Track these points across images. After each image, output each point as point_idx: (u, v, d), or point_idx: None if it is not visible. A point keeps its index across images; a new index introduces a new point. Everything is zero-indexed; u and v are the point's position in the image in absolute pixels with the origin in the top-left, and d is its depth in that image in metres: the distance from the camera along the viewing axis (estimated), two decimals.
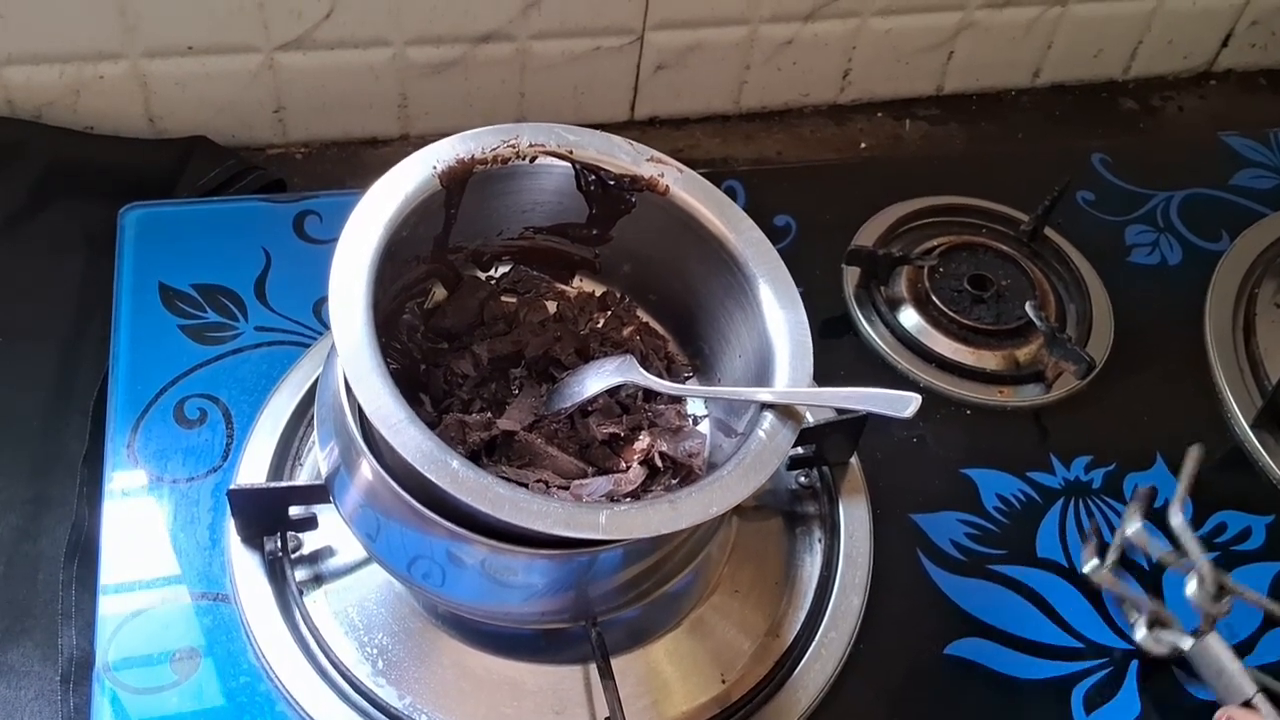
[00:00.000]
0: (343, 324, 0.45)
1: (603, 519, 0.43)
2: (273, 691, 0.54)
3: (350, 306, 0.45)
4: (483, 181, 0.52)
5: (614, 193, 0.53)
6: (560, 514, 0.43)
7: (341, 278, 0.46)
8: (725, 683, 0.56)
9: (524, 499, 0.43)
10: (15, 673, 0.55)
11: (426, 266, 0.54)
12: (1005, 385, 0.70)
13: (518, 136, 0.51)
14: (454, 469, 0.43)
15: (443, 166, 0.50)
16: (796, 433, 0.47)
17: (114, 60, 0.72)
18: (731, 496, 0.45)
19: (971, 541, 0.63)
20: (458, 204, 0.52)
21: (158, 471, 0.60)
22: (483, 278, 0.58)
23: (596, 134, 0.53)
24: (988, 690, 0.58)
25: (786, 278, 0.51)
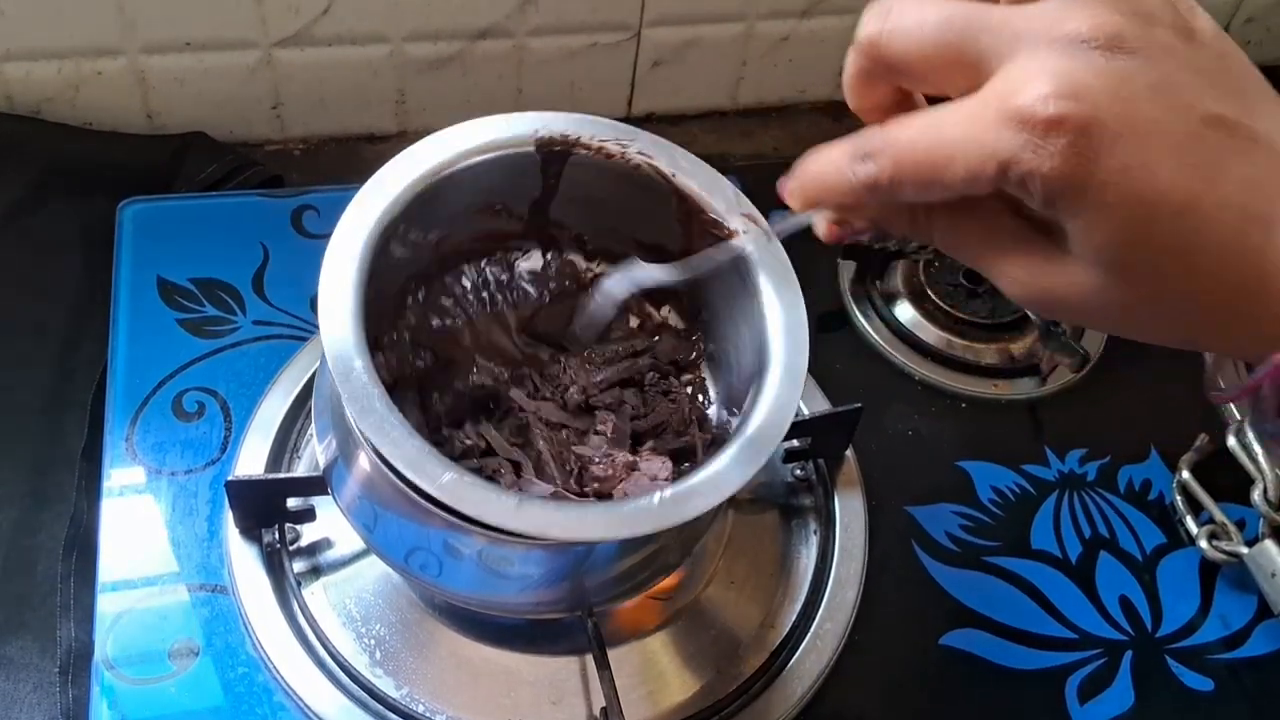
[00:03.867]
0: (331, 314, 0.44)
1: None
2: (271, 682, 0.54)
3: (340, 294, 0.45)
4: (585, 167, 0.51)
5: (694, 232, 0.52)
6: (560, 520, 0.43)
7: (340, 243, 0.46)
8: (721, 673, 0.57)
9: (528, 505, 0.43)
10: (14, 665, 0.55)
11: (523, 224, 0.54)
12: (1000, 378, 0.71)
13: (634, 139, 0.50)
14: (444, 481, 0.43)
15: (546, 134, 0.49)
16: (790, 417, 0.47)
17: (112, 56, 0.72)
18: (726, 486, 0.44)
19: (966, 533, 0.64)
20: (558, 176, 0.51)
21: (156, 464, 0.60)
22: (582, 266, 0.57)
23: (706, 166, 0.51)
24: (982, 681, 0.59)
25: (790, 274, 0.50)
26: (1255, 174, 0.30)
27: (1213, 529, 0.64)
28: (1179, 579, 0.63)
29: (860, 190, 0.33)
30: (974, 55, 0.32)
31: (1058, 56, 0.30)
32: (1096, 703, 0.58)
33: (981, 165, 0.30)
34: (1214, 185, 0.30)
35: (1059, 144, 0.29)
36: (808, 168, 0.35)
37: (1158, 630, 0.61)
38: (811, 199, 0.36)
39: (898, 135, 0.32)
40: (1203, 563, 0.64)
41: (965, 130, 0.31)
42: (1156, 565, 0.64)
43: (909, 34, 0.32)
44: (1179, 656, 0.60)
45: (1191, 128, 0.30)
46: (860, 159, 0.33)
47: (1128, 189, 0.30)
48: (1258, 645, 0.61)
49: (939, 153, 0.31)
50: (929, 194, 0.33)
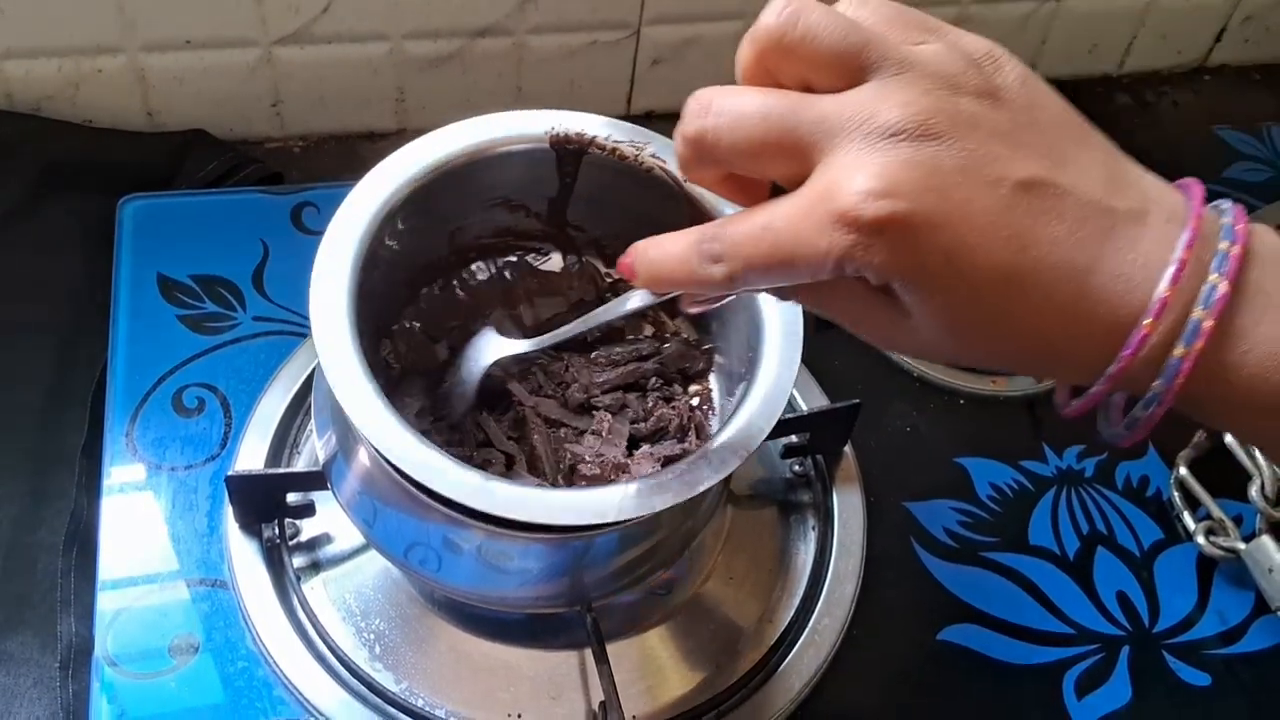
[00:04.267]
0: (322, 306, 0.45)
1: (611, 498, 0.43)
2: (270, 677, 0.54)
3: (333, 283, 0.45)
4: (600, 168, 0.51)
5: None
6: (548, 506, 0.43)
7: (324, 278, 0.46)
8: (719, 668, 0.57)
9: (521, 492, 0.43)
10: (14, 660, 0.55)
11: (541, 223, 0.55)
12: (998, 375, 0.71)
13: (649, 141, 0.50)
14: (443, 470, 0.43)
15: (560, 131, 0.50)
16: (781, 408, 0.47)
17: (112, 54, 0.72)
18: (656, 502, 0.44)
19: (964, 529, 0.64)
20: (574, 175, 0.52)
21: (156, 460, 0.61)
22: (602, 270, 0.57)
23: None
24: (980, 676, 0.59)
25: (796, 310, 0.50)
26: (1065, 229, 0.32)
27: (1210, 525, 0.64)
28: (1176, 575, 0.63)
29: (716, 286, 0.36)
30: (794, 146, 0.33)
31: (871, 152, 0.32)
32: (1094, 697, 0.59)
33: (820, 262, 0.33)
34: (1027, 252, 0.32)
35: (884, 241, 0.32)
36: (656, 263, 0.37)
37: (1155, 626, 0.61)
38: (664, 288, 0.39)
39: (739, 235, 0.35)
40: (1200, 558, 0.64)
41: (800, 231, 0.33)
42: (1154, 561, 0.64)
43: (731, 130, 0.34)
44: (1176, 652, 0.61)
45: (1003, 201, 0.32)
46: (710, 260, 0.35)
47: (951, 272, 0.32)
48: (1255, 640, 0.61)
49: (780, 253, 0.34)
50: (780, 284, 0.36)
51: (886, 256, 0.32)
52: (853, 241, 0.32)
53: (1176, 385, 0.32)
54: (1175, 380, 0.32)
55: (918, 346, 0.36)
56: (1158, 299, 0.32)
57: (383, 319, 0.54)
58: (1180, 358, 0.32)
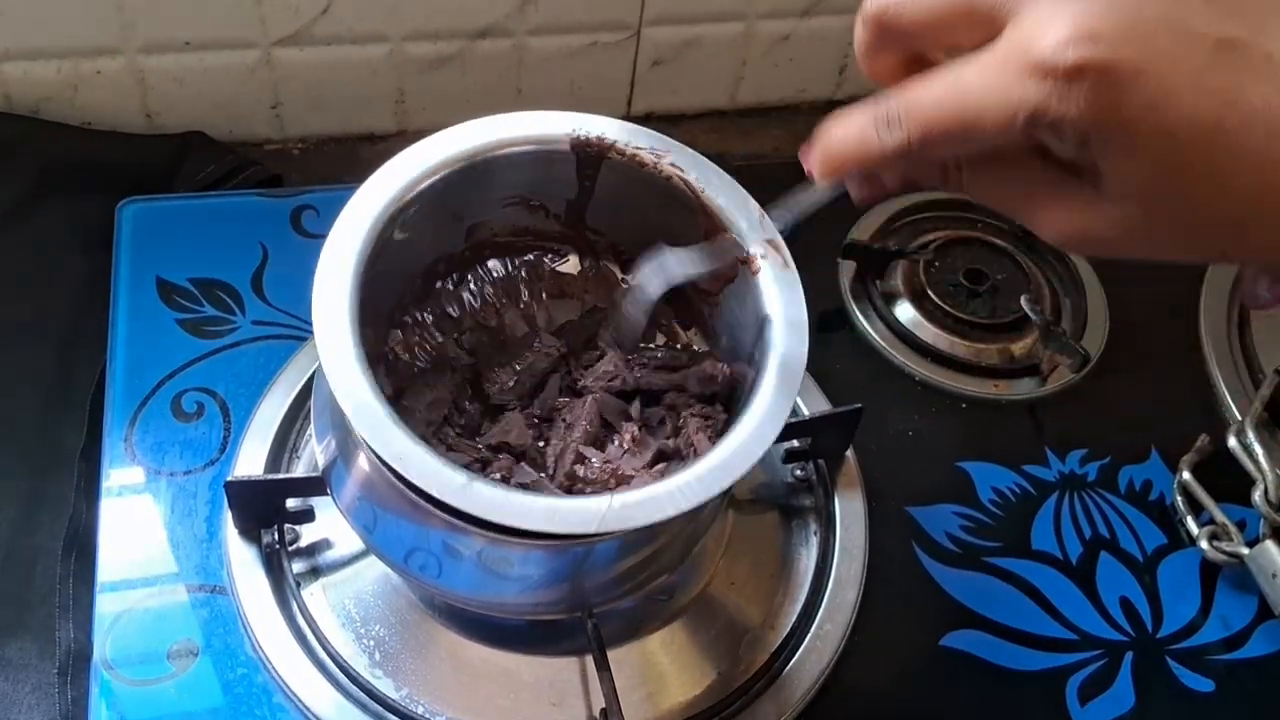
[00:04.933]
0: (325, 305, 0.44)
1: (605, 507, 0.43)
2: (270, 683, 0.54)
3: (337, 279, 0.45)
4: (620, 173, 0.51)
5: (720, 246, 0.51)
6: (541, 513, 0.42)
7: (328, 274, 0.45)
8: (720, 674, 0.56)
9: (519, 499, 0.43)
10: (13, 666, 0.55)
11: (559, 224, 0.55)
12: (1000, 379, 0.71)
13: (668, 151, 0.50)
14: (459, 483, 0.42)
15: (581, 134, 0.49)
16: (786, 413, 0.46)
17: (111, 56, 0.72)
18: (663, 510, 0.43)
19: (966, 534, 0.64)
20: (593, 179, 0.51)
21: (155, 465, 0.60)
22: (619, 275, 0.57)
23: (735, 186, 0.51)
24: (983, 682, 0.59)
25: (801, 310, 0.50)
26: (1272, 90, 0.31)
27: (1213, 530, 0.64)
28: (1179, 580, 0.63)
29: (891, 156, 0.34)
30: (985, 10, 0.32)
31: (1066, 3, 0.31)
32: (1097, 703, 0.58)
33: (1010, 118, 0.31)
34: (1236, 107, 0.31)
35: (1083, 89, 0.30)
36: (833, 136, 0.35)
37: (1158, 631, 0.61)
38: (839, 167, 0.36)
39: (922, 98, 0.33)
40: (1203, 563, 0.64)
41: (989, 86, 0.31)
42: (1157, 566, 0.64)
43: (917, 2, 0.33)
44: (1179, 657, 0.60)
45: (1206, 55, 0.31)
46: (887, 125, 0.33)
47: (1155, 124, 0.31)
48: (1258, 646, 0.61)
49: (967, 111, 0.32)
50: (960, 151, 0.34)
51: (1086, 106, 0.30)
52: (1049, 91, 0.30)
53: None
54: None
55: (1106, 230, 0.34)
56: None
57: (393, 310, 0.54)
58: None
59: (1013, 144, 0.32)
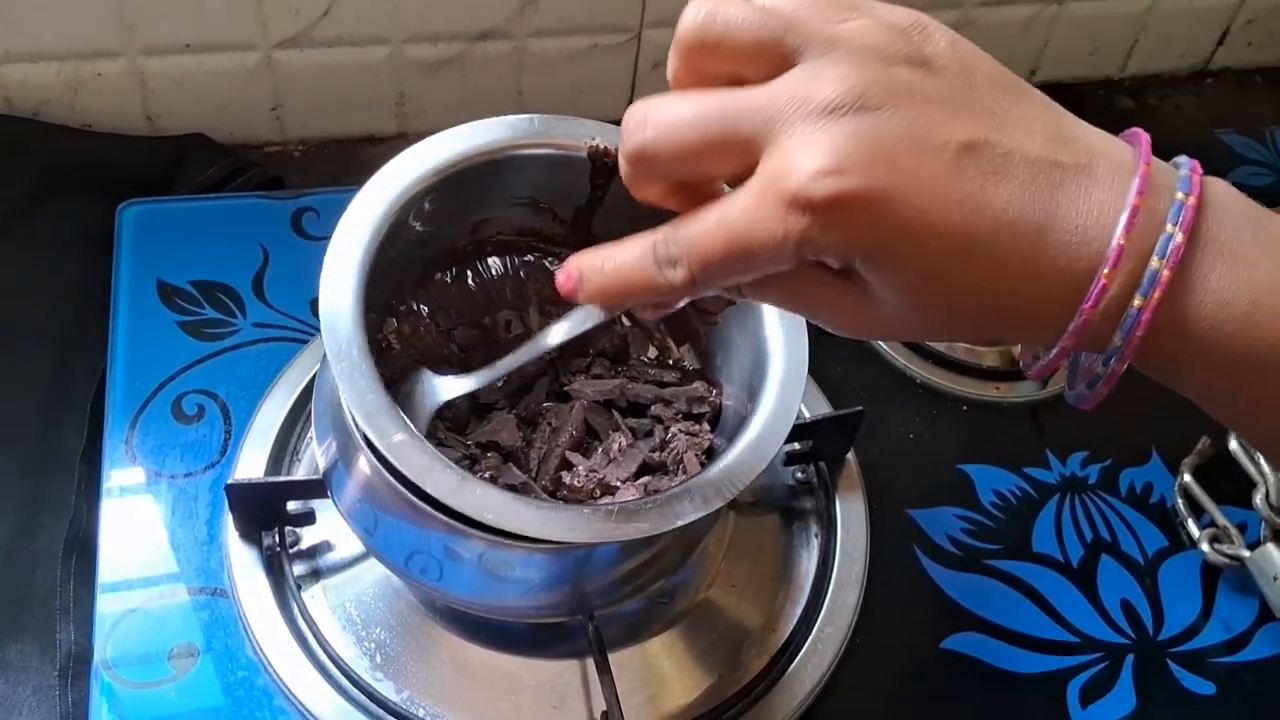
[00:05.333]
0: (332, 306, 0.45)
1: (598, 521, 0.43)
2: (271, 686, 0.54)
3: (342, 278, 0.45)
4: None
5: None
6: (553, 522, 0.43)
7: (342, 240, 0.46)
8: (721, 677, 0.56)
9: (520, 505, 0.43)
10: (13, 668, 0.55)
11: (565, 228, 0.54)
12: (1001, 381, 0.71)
13: None
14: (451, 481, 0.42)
15: (600, 144, 0.49)
16: (788, 429, 0.47)
17: (111, 58, 0.72)
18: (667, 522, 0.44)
19: (968, 537, 0.64)
20: (605, 188, 0.52)
21: (155, 467, 0.60)
22: None
23: None
24: (984, 684, 0.59)
25: (801, 326, 0.50)
26: (1015, 186, 0.32)
27: (1214, 532, 0.64)
28: (1180, 582, 0.63)
29: (675, 293, 0.35)
30: (735, 141, 0.33)
31: (813, 131, 0.32)
32: (1098, 706, 0.58)
33: (779, 249, 0.32)
34: (982, 212, 0.32)
35: (838, 219, 0.31)
36: (609, 271, 0.37)
37: (1159, 634, 0.61)
38: (620, 300, 0.37)
39: (695, 234, 0.34)
40: (1204, 566, 0.64)
41: (756, 220, 0.32)
42: (1158, 568, 0.64)
43: (669, 138, 0.34)
44: (1180, 660, 0.60)
45: (949, 164, 0.32)
46: (671, 264, 0.35)
47: (909, 241, 0.32)
48: (1259, 649, 0.61)
49: (738, 245, 0.33)
50: (742, 279, 0.35)
51: (844, 233, 0.32)
52: (808, 223, 0.31)
53: (1136, 338, 0.33)
54: (1134, 333, 0.33)
55: (887, 327, 0.36)
56: (1114, 248, 0.32)
57: (392, 297, 0.54)
58: (1139, 309, 0.32)
59: (787, 268, 0.34)
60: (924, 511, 0.64)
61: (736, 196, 0.33)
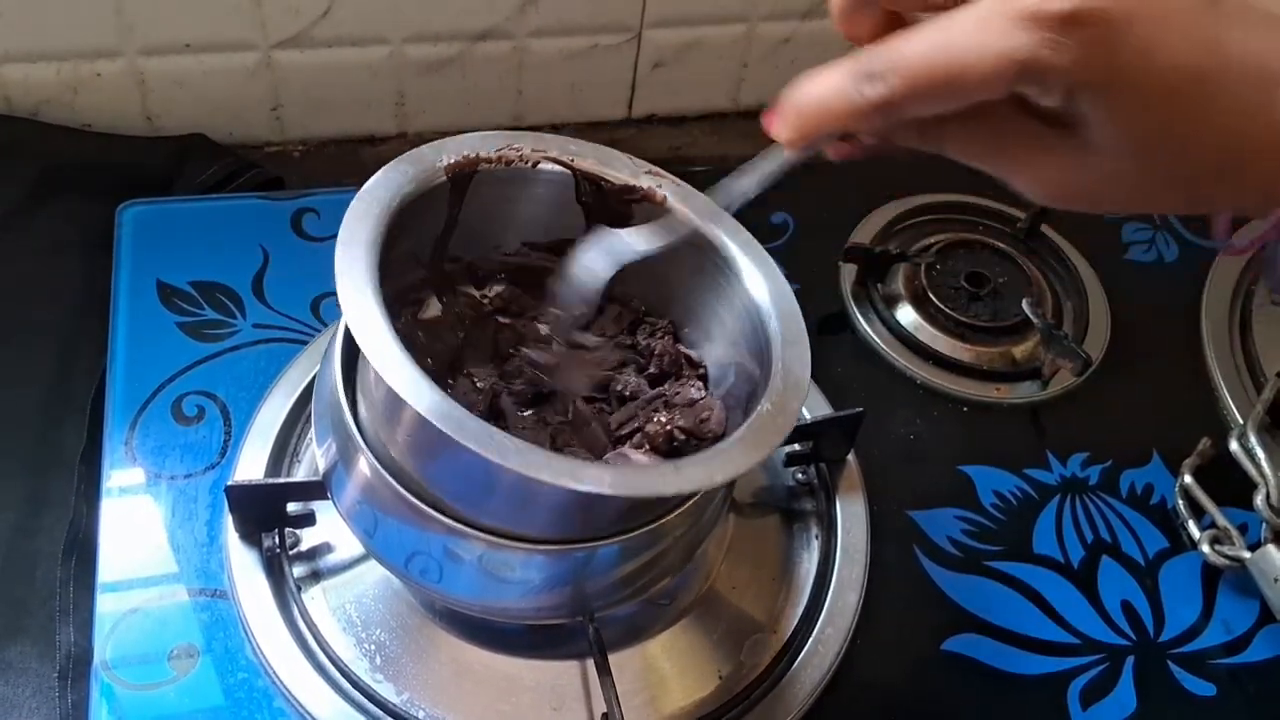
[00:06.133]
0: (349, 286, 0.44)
1: (608, 477, 0.41)
2: (270, 687, 0.54)
3: (356, 268, 0.45)
4: (485, 185, 0.51)
5: (611, 205, 0.53)
6: (566, 468, 0.41)
7: (347, 246, 0.45)
8: (722, 678, 0.56)
9: (530, 450, 0.41)
10: (13, 670, 0.55)
11: (424, 273, 0.54)
12: (1002, 382, 0.70)
13: (521, 142, 0.51)
14: (462, 420, 0.41)
15: (450, 159, 0.50)
16: (800, 407, 0.46)
17: (111, 58, 0.72)
18: (735, 465, 0.43)
19: (968, 538, 0.64)
20: (460, 204, 0.52)
21: (155, 468, 0.60)
22: (477, 295, 0.56)
23: (597, 147, 0.52)
24: (985, 686, 0.59)
25: (773, 267, 0.50)
26: (1257, 37, 0.32)
27: (1215, 533, 0.64)
28: (1181, 584, 0.63)
29: (870, 112, 0.33)
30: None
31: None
32: (1099, 708, 0.58)
33: (999, 69, 0.31)
34: (1222, 53, 0.31)
35: (1076, 37, 0.30)
36: (807, 95, 0.34)
37: (1160, 635, 0.61)
38: (816, 128, 0.35)
39: (905, 51, 0.32)
40: (1205, 567, 0.64)
41: (978, 36, 0.31)
42: (1158, 570, 0.63)
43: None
44: (1181, 662, 0.60)
45: (1195, 3, 0.31)
46: (867, 79, 0.32)
47: (1147, 70, 0.31)
48: (1260, 650, 0.61)
49: (953, 63, 0.31)
50: (943, 106, 0.32)
51: (1077, 55, 0.30)
52: (1040, 41, 0.30)
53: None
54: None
55: (1092, 183, 0.34)
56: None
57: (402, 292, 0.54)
58: None
59: (998, 97, 0.32)
60: (924, 513, 0.64)
61: (960, 13, 0.32)
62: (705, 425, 0.50)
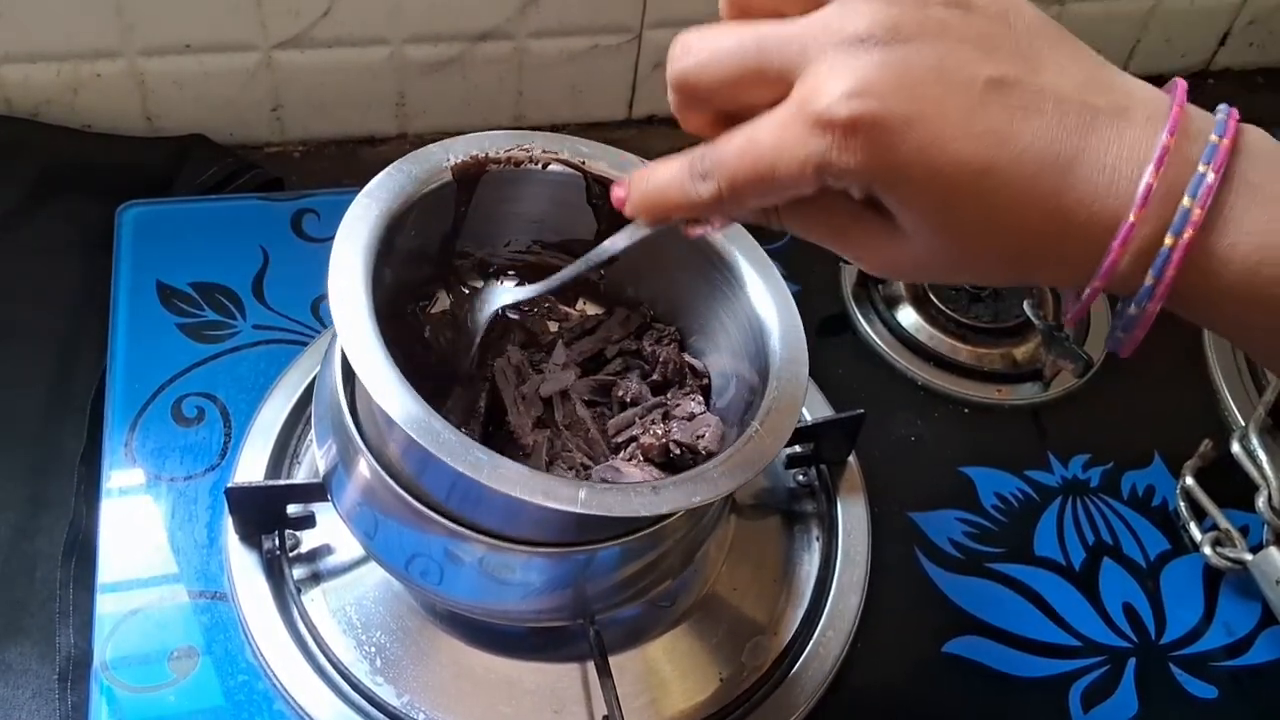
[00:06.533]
0: (342, 298, 0.44)
1: (582, 495, 0.42)
2: (271, 690, 0.54)
3: (350, 279, 0.45)
4: (495, 184, 0.51)
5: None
6: (540, 485, 0.42)
7: (343, 248, 0.45)
8: (723, 681, 0.56)
9: (505, 466, 0.42)
10: (13, 671, 0.55)
11: (432, 269, 0.54)
12: (1003, 384, 0.70)
13: (532, 142, 0.51)
14: (440, 433, 0.42)
15: (456, 159, 0.50)
16: (791, 429, 0.47)
17: (111, 58, 0.72)
18: (717, 488, 0.44)
19: (969, 540, 0.63)
20: (468, 202, 0.51)
21: (155, 470, 0.60)
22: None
23: (610, 149, 0.52)
24: (986, 688, 0.59)
25: (781, 284, 0.50)
26: (1042, 123, 0.33)
27: (1217, 535, 0.64)
28: (1183, 586, 0.63)
29: (704, 206, 0.36)
30: (774, 72, 0.34)
31: (844, 58, 0.33)
32: (1100, 710, 0.58)
33: (800, 170, 0.33)
34: (1005, 145, 0.32)
35: (859, 140, 0.32)
36: (651, 184, 0.38)
37: (1161, 637, 0.61)
38: (657, 213, 0.39)
39: (726, 151, 0.35)
40: (1206, 569, 0.64)
41: (780, 140, 0.34)
42: (1160, 572, 0.63)
43: (709, 65, 0.35)
44: (1183, 664, 0.60)
45: (975, 97, 0.33)
46: (702, 177, 0.36)
47: (927, 167, 0.32)
48: (1261, 653, 0.61)
49: (763, 165, 0.34)
50: (767, 201, 0.36)
51: (863, 157, 0.32)
52: (829, 144, 0.32)
53: (1168, 277, 0.33)
54: (1166, 272, 0.33)
55: (914, 262, 0.36)
56: (1143, 186, 0.32)
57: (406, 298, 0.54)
58: (1170, 248, 0.32)
59: (811, 191, 0.34)
60: (925, 514, 0.64)
61: (766, 118, 0.34)
62: (701, 441, 0.50)
